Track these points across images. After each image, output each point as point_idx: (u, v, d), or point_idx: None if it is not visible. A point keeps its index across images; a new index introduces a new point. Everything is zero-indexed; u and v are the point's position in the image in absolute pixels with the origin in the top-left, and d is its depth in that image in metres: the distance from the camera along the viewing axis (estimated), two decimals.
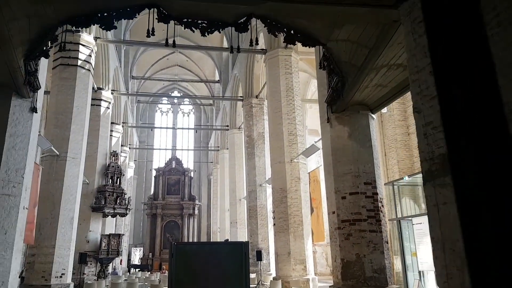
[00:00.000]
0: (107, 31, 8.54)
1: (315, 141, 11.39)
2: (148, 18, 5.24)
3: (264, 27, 5.60)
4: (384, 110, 12.21)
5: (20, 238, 7.25)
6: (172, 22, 5.30)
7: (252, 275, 14.67)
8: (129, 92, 21.09)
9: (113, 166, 15.97)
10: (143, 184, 33.98)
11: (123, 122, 21.50)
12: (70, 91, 11.99)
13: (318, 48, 9.39)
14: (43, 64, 8.12)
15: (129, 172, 27.85)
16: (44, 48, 6.25)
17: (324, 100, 8.82)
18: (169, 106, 36.38)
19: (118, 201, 15.61)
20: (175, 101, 36.64)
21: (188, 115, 37.19)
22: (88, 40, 12.66)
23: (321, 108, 9.31)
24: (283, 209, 12.45)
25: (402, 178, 12.61)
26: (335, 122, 8.71)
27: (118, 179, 16.05)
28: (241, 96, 18.67)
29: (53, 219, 10.83)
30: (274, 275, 13.60)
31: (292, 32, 5.97)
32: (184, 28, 5.27)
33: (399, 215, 12.80)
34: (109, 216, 15.94)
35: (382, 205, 8.20)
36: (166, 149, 34.06)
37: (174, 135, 36.28)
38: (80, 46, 12.39)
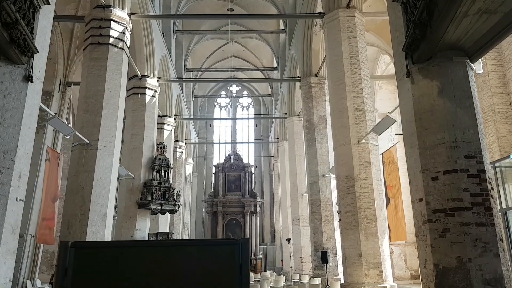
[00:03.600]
0: None
1: (388, 112, 8.84)
2: None
3: None
4: (479, 69, 9.27)
5: (12, 237, 5.79)
6: None
7: (317, 280, 12.38)
8: (179, 79, 19.86)
9: (159, 159, 14.64)
10: (204, 181, 33.01)
11: (175, 115, 20.34)
12: (101, 72, 10.70)
13: None
14: (44, 22, 6.72)
15: (188, 169, 26.89)
16: None
17: (402, 48, 6.39)
18: (227, 100, 35.11)
19: (166, 196, 14.23)
20: (234, 94, 35.31)
21: (247, 109, 35.66)
22: (120, 15, 11.32)
23: (397, 61, 6.89)
24: (351, 201, 10.03)
25: (508, 157, 9.63)
26: (418, 76, 6.28)
27: (166, 173, 14.69)
28: (298, 76, 16.43)
29: (83, 215, 9.53)
30: (342, 280, 11.23)
31: None
32: None
33: (505, 205, 9.85)
34: (158, 213, 14.63)
35: (492, 188, 5.63)
36: (225, 143, 32.79)
37: (233, 129, 34.94)
38: (111, 22, 11.08)
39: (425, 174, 5.81)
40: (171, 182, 14.90)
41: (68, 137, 9.24)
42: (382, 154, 9.73)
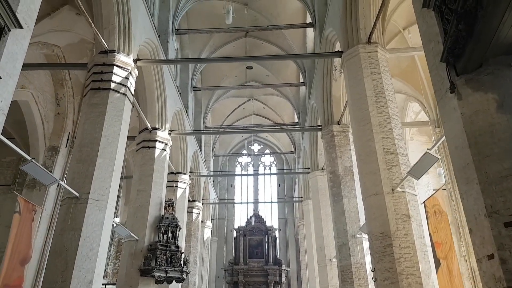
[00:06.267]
0: None
1: (428, 148, 7.22)
2: None
3: None
4: None
5: None
6: None
7: None
8: (192, 132, 18.94)
9: (167, 218, 13.17)
10: (224, 247, 30.82)
11: (191, 172, 19.17)
12: (100, 118, 9.76)
13: None
14: (15, 47, 5.68)
15: (206, 232, 25.08)
16: None
17: (440, 59, 5.01)
18: (249, 159, 33.99)
19: (172, 261, 12.50)
20: (255, 152, 34.24)
21: (269, 168, 34.28)
22: (125, 61, 10.64)
23: (435, 76, 5.46)
24: (389, 265, 8.07)
25: None
26: (466, 89, 4.82)
27: (174, 234, 13.11)
28: (319, 125, 15.14)
29: (64, 283, 7.98)
30: None
31: None
32: None
33: None
34: (165, 283, 12.79)
35: None
36: (247, 203, 31.01)
37: (255, 190, 33.30)
38: (114, 67, 10.37)
39: (493, 219, 4.15)
40: (179, 244, 13.23)
41: (48, 187, 8.02)
42: (424, 202, 7.92)
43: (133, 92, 11.08)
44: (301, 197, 24.15)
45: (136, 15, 11.35)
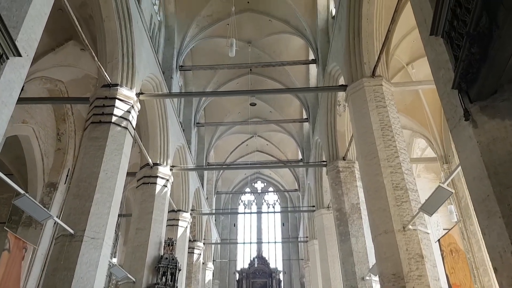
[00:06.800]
0: None
1: (440, 183, 6.84)
2: None
3: None
4: None
5: None
6: None
7: None
8: (194, 167, 18.58)
9: (166, 258, 12.59)
10: None
11: (192, 210, 18.66)
12: (99, 152, 9.51)
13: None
14: (12, 75, 5.66)
15: (207, 275, 24.11)
16: None
17: (452, 86, 4.80)
18: (252, 198, 33.37)
19: None
20: (259, 190, 33.66)
21: (273, 206, 33.55)
22: (127, 94, 10.55)
23: (447, 104, 5.22)
24: None
25: None
26: (481, 117, 4.55)
27: (173, 276, 12.47)
28: (324, 161, 14.82)
29: None
30: None
31: None
32: None
33: None
34: None
35: None
36: (250, 243, 30.03)
37: (259, 229, 32.40)
38: (116, 101, 10.26)
39: None
40: (178, 287, 12.55)
41: (44, 224, 7.64)
42: (438, 240, 7.44)
43: (134, 126, 10.90)
44: (306, 237, 23.37)
45: (140, 50, 11.40)
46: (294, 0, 16.92)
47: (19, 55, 5.57)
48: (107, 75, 10.07)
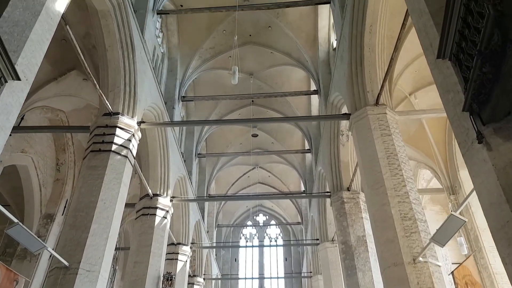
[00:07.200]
0: None
1: (452, 211, 6.54)
2: None
3: None
4: None
5: None
6: None
7: None
8: (195, 198, 18.17)
9: None
10: None
11: (192, 243, 18.13)
12: (98, 181, 9.27)
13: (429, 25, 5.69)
14: (10, 99, 5.55)
15: None
16: None
17: (462, 108, 4.65)
18: (254, 231, 32.62)
19: None
20: (260, 223, 32.95)
21: (275, 240, 32.73)
22: (128, 123, 10.44)
23: (458, 127, 5.04)
24: None
25: None
26: (496, 139, 4.38)
27: None
28: (328, 192, 14.50)
29: None
30: None
31: None
32: None
33: None
34: None
35: None
36: (252, 278, 29.02)
37: (261, 264, 31.41)
38: (117, 129, 10.14)
39: None
40: None
41: (36, 254, 7.30)
42: (452, 273, 7.04)
43: (135, 155, 10.72)
44: (310, 272, 22.59)
45: (143, 79, 11.41)
46: (296, 33, 17.19)
47: (18, 78, 5.47)
48: (108, 104, 10.00)
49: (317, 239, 17.79)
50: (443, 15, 4.66)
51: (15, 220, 6.39)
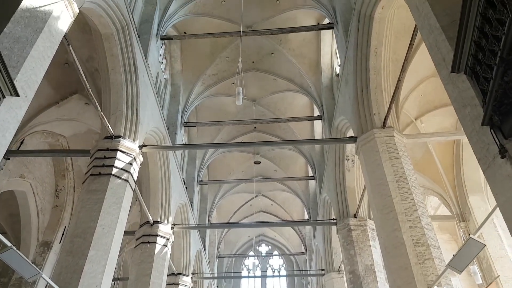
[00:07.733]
0: None
1: (471, 235, 6.16)
2: None
3: None
4: None
5: None
6: None
7: None
8: (196, 225, 17.62)
9: None
10: None
11: (193, 273, 17.48)
12: (97, 205, 8.95)
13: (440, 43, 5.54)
14: (7, 115, 5.34)
15: None
16: None
17: (482, 122, 4.44)
18: (257, 262, 31.67)
19: None
20: (263, 254, 32.02)
21: (278, 271, 31.70)
22: (130, 146, 10.21)
23: (476, 142, 4.82)
24: None
25: None
26: None
27: None
28: (334, 219, 14.05)
29: None
30: None
31: None
32: None
33: None
34: None
35: None
36: None
37: None
38: (118, 152, 9.90)
39: None
40: None
41: (31, 282, 6.88)
42: None
43: (135, 179, 10.43)
44: None
45: (145, 103, 11.28)
46: (298, 60, 17.26)
47: (17, 94, 5.30)
48: (109, 126, 9.82)
49: (323, 269, 17.15)
50: (457, 27, 4.52)
51: (9, 243, 6.04)
